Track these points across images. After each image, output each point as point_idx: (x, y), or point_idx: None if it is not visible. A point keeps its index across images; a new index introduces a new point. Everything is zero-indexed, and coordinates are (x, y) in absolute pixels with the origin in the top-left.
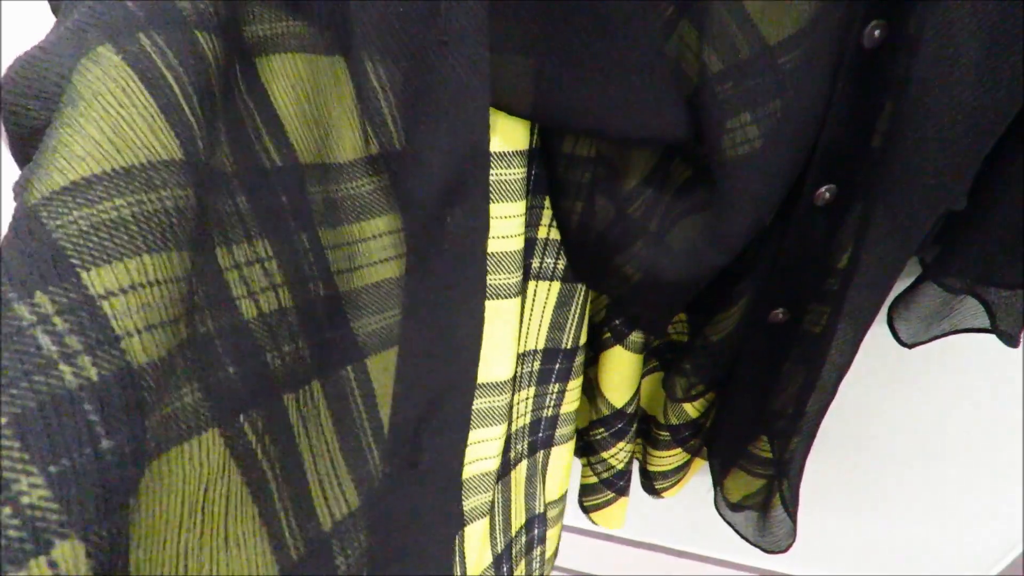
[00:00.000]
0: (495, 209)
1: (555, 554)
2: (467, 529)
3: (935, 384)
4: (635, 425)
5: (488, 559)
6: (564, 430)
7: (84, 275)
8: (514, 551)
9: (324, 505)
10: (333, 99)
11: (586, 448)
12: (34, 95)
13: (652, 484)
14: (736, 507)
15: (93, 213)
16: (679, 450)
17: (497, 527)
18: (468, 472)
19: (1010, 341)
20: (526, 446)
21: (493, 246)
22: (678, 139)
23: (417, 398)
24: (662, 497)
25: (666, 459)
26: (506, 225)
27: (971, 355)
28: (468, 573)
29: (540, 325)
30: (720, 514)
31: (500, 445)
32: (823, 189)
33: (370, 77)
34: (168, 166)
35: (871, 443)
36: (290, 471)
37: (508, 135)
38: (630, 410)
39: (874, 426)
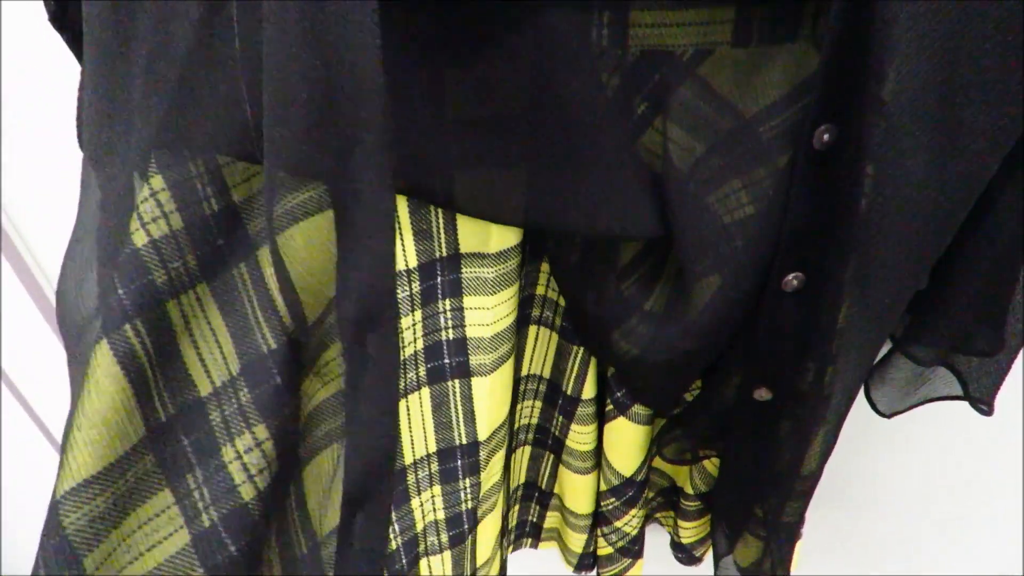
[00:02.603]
0: (491, 300)
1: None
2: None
3: (931, 443)
4: (645, 491)
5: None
6: (571, 459)
7: (84, 561)
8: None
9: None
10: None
11: (598, 520)
12: (74, 348)
13: (691, 554)
14: (747, 571)
15: (89, 510)
16: (710, 515)
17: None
18: (487, 484)
19: (984, 410)
20: (531, 439)
21: (491, 330)
22: (654, 234)
23: (350, 488)
24: (701, 562)
25: (699, 528)
26: (501, 309)
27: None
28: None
29: (544, 360)
30: None
31: (503, 463)
32: (790, 276)
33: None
34: (135, 449)
35: (869, 502)
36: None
37: (504, 235)
38: (639, 477)
39: (874, 484)
